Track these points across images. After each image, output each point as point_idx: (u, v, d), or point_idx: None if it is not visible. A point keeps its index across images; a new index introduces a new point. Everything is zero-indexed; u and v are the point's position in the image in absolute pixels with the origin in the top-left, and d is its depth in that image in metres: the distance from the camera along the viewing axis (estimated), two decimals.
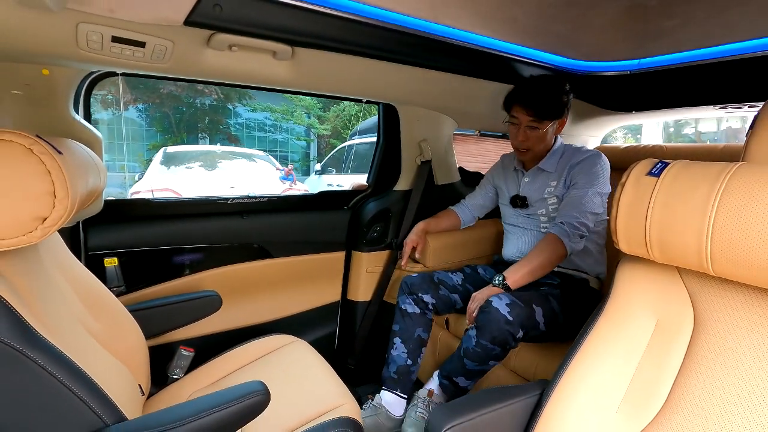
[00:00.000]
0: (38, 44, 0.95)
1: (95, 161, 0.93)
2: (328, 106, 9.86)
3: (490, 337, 1.23)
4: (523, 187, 1.58)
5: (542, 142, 1.48)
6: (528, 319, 1.26)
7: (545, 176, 1.52)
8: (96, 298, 1.00)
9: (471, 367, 1.29)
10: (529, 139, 1.47)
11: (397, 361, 1.47)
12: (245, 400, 0.79)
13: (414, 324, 1.49)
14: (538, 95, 1.44)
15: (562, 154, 1.52)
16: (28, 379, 0.60)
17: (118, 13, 0.88)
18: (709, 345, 0.69)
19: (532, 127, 1.45)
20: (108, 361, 0.90)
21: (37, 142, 0.62)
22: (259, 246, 1.60)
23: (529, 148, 1.49)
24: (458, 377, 1.33)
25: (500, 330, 1.22)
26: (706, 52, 1.38)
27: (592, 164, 1.43)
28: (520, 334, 1.25)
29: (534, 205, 1.55)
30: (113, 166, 8.65)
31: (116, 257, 1.35)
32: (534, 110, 1.43)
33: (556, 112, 1.45)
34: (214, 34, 1.05)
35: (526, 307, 1.26)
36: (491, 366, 1.31)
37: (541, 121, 1.44)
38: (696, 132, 10.23)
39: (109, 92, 8.45)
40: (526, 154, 1.52)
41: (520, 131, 1.47)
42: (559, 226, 1.36)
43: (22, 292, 0.68)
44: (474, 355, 1.27)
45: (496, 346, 1.24)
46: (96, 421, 0.67)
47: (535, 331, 1.28)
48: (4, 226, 0.60)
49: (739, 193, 0.59)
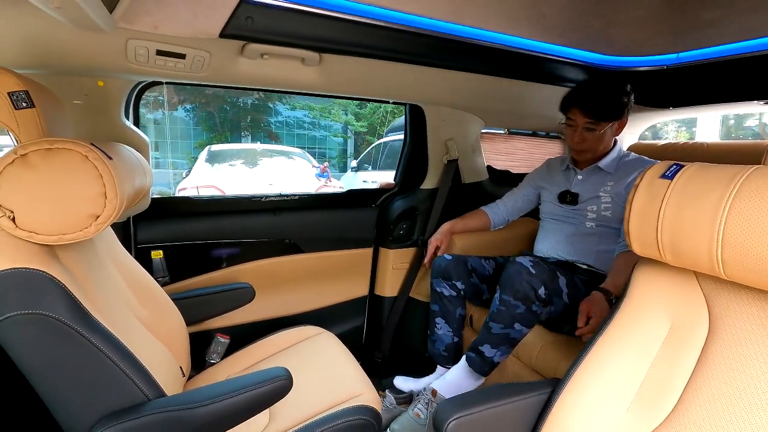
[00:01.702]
0: (94, 59, 1.07)
1: (142, 163, 1.04)
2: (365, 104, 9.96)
3: (512, 290, 1.24)
4: (575, 184, 1.55)
5: (600, 143, 1.45)
6: (551, 281, 1.27)
7: (602, 175, 1.49)
8: (143, 286, 1.11)
9: (496, 330, 1.29)
10: (586, 141, 1.44)
11: (444, 339, 1.53)
12: (270, 384, 0.85)
13: (453, 305, 1.54)
14: (595, 96, 1.41)
15: (620, 159, 1.49)
16: (81, 353, 0.69)
17: (161, 29, 0.98)
18: (723, 350, 0.68)
19: (589, 129, 1.43)
20: (152, 343, 1.00)
21: (92, 150, 0.71)
22: (290, 242, 1.69)
23: (587, 150, 1.47)
24: (484, 345, 1.33)
25: (521, 283, 1.23)
26: (747, 44, 1.32)
27: None
28: (543, 291, 1.25)
29: (585, 201, 1.51)
30: (164, 163, 9.20)
31: (162, 250, 1.48)
32: (590, 112, 1.40)
33: (614, 113, 1.41)
34: (247, 44, 1.13)
35: (549, 270, 1.29)
36: (517, 332, 1.29)
37: (599, 123, 1.41)
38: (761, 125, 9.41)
39: (160, 93, 8.99)
40: (583, 155, 1.50)
41: (577, 133, 1.45)
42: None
43: (80, 280, 0.79)
44: (498, 315, 1.28)
45: (519, 301, 1.24)
46: (139, 394, 0.75)
47: (559, 300, 1.29)
48: (64, 223, 0.70)
49: (751, 197, 0.59)
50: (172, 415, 0.75)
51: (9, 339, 0.66)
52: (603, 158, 1.49)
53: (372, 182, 5.36)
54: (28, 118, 0.75)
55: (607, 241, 1.46)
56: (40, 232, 0.69)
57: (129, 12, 0.90)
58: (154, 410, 0.74)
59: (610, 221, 1.45)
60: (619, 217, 1.44)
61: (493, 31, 1.40)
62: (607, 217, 1.46)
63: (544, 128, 2.20)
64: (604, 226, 1.46)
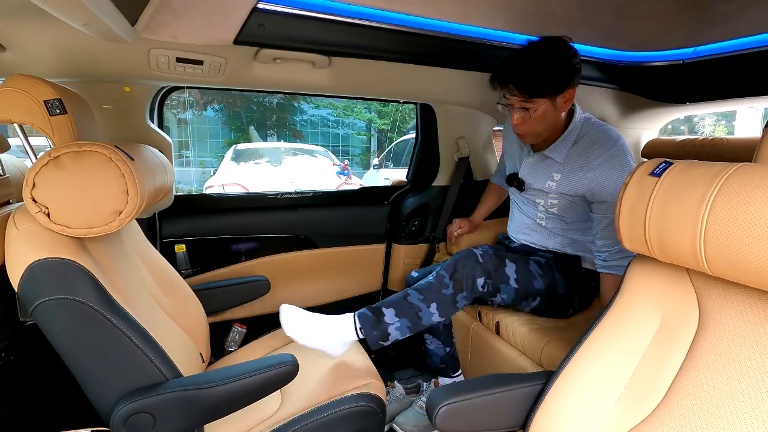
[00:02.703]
0: (120, 67, 1.16)
1: (164, 163, 1.12)
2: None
3: (453, 270, 1.21)
4: (524, 167, 1.40)
5: (541, 123, 1.22)
6: (495, 272, 1.24)
7: (549, 164, 1.31)
8: (166, 277, 1.20)
9: (412, 299, 1.20)
10: (525, 122, 1.22)
11: (437, 352, 1.52)
12: (277, 369, 0.91)
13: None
14: (524, 67, 1.16)
15: (576, 141, 1.27)
16: (107, 336, 0.77)
17: (180, 39, 1.05)
18: (711, 345, 0.69)
19: (522, 107, 1.20)
20: (173, 329, 1.08)
21: (115, 152, 0.79)
22: (305, 237, 1.76)
23: (526, 133, 1.26)
24: (389, 309, 1.19)
25: (465, 267, 1.21)
26: (766, 37, 1.28)
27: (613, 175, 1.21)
28: (481, 282, 1.22)
29: (532, 192, 1.39)
30: (194, 161, 9.52)
31: (184, 244, 1.58)
32: (519, 87, 1.17)
33: (551, 85, 1.16)
34: (260, 49, 1.20)
35: (495, 260, 1.26)
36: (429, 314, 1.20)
37: (531, 100, 1.18)
38: None
39: (190, 95, 9.30)
40: (526, 139, 1.31)
41: (513, 114, 1.23)
42: (612, 267, 1.25)
43: (106, 269, 0.87)
44: (425, 286, 1.21)
45: (452, 282, 1.20)
46: (158, 374, 0.83)
47: (506, 287, 1.27)
48: (92, 218, 0.78)
49: (732, 194, 0.60)
50: (187, 393, 0.82)
51: (45, 321, 0.75)
52: (553, 144, 1.29)
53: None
54: (62, 124, 0.84)
55: (563, 231, 1.39)
56: (71, 226, 0.77)
57: (150, 24, 0.98)
58: (171, 389, 0.81)
59: (560, 217, 1.37)
60: (568, 214, 1.34)
61: (502, 30, 1.41)
62: (555, 213, 1.37)
63: None
64: (555, 219, 1.38)
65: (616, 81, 1.71)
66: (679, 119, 5.29)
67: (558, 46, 1.20)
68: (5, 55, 1.09)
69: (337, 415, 0.98)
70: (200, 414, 0.84)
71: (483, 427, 0.83)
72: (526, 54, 1.19)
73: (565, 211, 1.34)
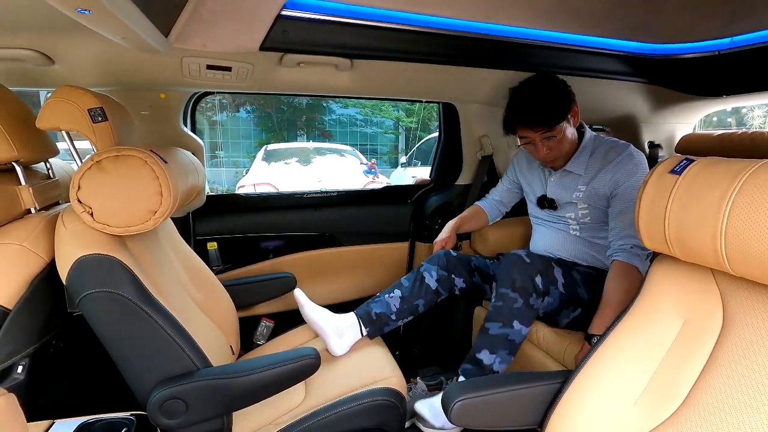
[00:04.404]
0: (156, 76, 1.24)
1: (195, 165, 1.18)
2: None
3: (509, 281, 1.21)
4: (551, 187, 1.47)
5: (566, 143, 1.35)
6: (546, 270, 1.25)
7: (572, 178, 1.41)
8: (199, 273, 1.26)
9: (494, 331, 1.22)
10: (552, 150, 1.35)
11: (383, 307, 1.38)
12: (300, 361, 0.95)
13: (421, 295, 1.43)
14: (535, 104, 1.30)
15: (592, 153, 1.39)
16: (143, 327, 0.83)
17: (209, 47, 1.11)
18: (735, 347, 0.67)
19: (547, 137, 1.32)
20: (205, 322, 1.14)
21: (150, 155, 0.85)
22: (329, 235, 1.81)
23: (558, 158, 1.38)
24: (481, 351, 1.23)
25: (518, 272, 1.21)
26: None
27: (632, 169, 1.29)
28: (540, 280, 1.22)
29: (563, 207, 1.45)
30: (227, 162, 9.84)
31: (216, 242, 1.65)
32: (539, 123, 1.30)
33: (561, 109, 1.30)
34: (284, 55, 1.24)
35: (543, 259, 1.29)
36: (516, 332, 1.22)
37: (553, 128, 1.30)
38: None
39: (223, 97, 9.61)
40: (556, 163, 1.41)
41: (539, 148, 1.35)
42: (625, 251, 1.22)
43: (144, 265, 0.93)
44: (496, 312, 1.23)
45: (517, 293, 1.21)
46: (190, 364, 0.88)
47: (555, 289, 1.27)
48: (130, 217, 0.84)
49: (755, 192, 0.58)
50: (215, 382, 0.87)
51: (89, 312, 0.81)
52: (572, 158, 1.40)
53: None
54: (103, 130, 0.91)
55: (599, 238, 1.40)
56: (111, 225, 0.84)
57: (181, 35, 1.04)
58: (201, 378, 0.87)
59: (592, 225, 1.39)
60: (600, 220, 1.37)
61: (525, 27, 1.40)
62: (587, 223, 1.40)
63: (587, 121, 2.12)
64: (589, 228, 1.40)
65: (646, 74, 1.66)
66: (725, 111, 4.98)
67: (546, 76, 1.36)
68: (55, 68, 1.19)
69: (358, 408, 1.01)
70: (228, 402, 0.89)
71: (499, 424, 0.83)
72: (529, 92, 1.33)
73: (596, 218, 1.38)
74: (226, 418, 0.92)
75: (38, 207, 0.93)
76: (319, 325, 1.30)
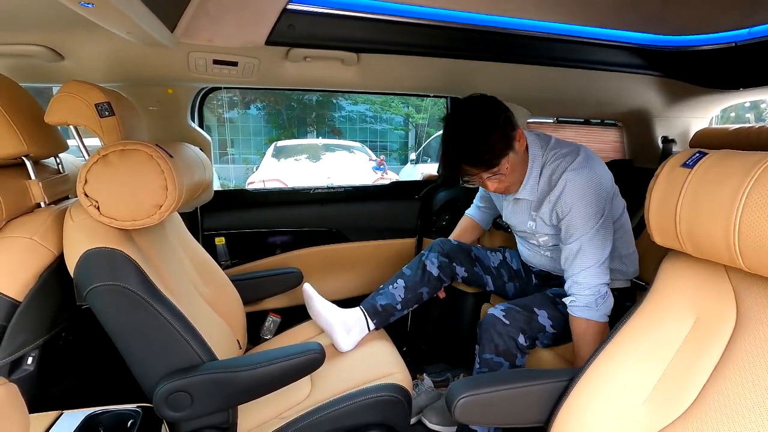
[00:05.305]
0: (162, 71, 1.25)
1: (202, 160, 1.19)
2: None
3: (492, 346, 1.17)
4: (506, 212, 1.41)
5: (515, 172, 1.23)
6: (528, 324, 1.19)
7: (525, 204, 1.31)
8: (206, 268, 1.27)
9: None
10: (502, 182, 1.22)
11: (388, 298, 1.38)
12: (304, 356, 0.95)
13: (425, 283, 1.42)
14: (473, 147, 1.14)
15: (540, 172, 1.25)
16: (150, 320, 0.83)
17: (215, 42, 1.11)
18: (748, 345, 0.65)
19: (493, 174, 1.19)
20: (211, 316, 1.15)
21: (155, 150, 0.85)
22: (336, 231, 1.80)
23: (507, 188, 1.27)
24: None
25: (499, 336, 1.16)
26: None
27: (576, 196, 1.16)
28: (523, 340, 1.18)
29: (521, 232, 1.39)
30: (238, 158, 9.92)
31: (224, 237, 1.66)
32: (481, 165, 1.16)
33: (504, 143, 1.15)
34: (290, 49, 1.24)
35: (524, 311, 1.20)
36: None
37: (498, 164, 1.16)
38: None
39: (233, 94, 9.67)
40: (510, 191, 1.30)
41: (486, 184, 1.23)
42: (579, 309, 1.15)
43: (150, 259, 0.94)
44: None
45: (501, 357, 1.17)
46: (195, 357, 0.89)
47: (544, 335, 1.22)
48: (136, 211, 0.85)
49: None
50: (220, 376, 0.88)
51: (96, 305, 0.82)
52: (521, 185, 1.27)
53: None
54: (111, 125, 0.91)
55: None
56: (117, 218, 0.84)
57: (188, 29, 1.04)
58: (207, 371, 0.87)
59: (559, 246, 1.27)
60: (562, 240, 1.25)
61: (534, 19, 1.37)
62: (554, 246, 1.32)
63: (598, 116, 2.09)
64: (557, 249, 1.30)
65: (660, 67, 1.62)
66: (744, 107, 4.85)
67: (479, 104, 1.18)
68: (64, 63, 1.20)
69: (363, 403, 1.00)
70: (232, 395, 0.90)
71: (503, 421, 0.82)
72: (463, 132, 1.16)
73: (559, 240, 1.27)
74: (231, 411, 0.93)
75: (48, 201, 0.94)
76: (327, 319, 1.29)
